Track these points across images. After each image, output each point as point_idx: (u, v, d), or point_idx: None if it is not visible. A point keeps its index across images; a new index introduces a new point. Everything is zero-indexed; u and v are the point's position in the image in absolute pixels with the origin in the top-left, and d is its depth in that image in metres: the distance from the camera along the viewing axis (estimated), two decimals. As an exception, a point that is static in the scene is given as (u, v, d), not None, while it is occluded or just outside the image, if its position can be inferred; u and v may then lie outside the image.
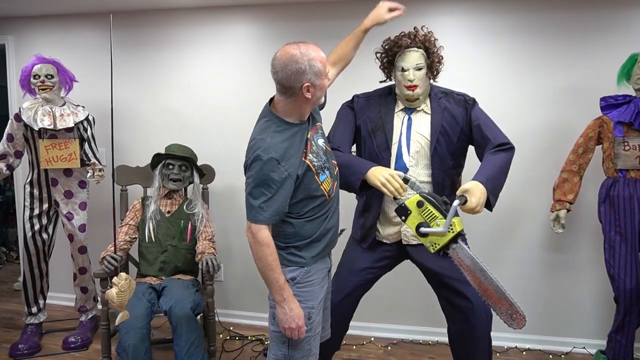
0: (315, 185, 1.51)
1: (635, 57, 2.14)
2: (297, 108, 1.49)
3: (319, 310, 1.59)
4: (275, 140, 1.44)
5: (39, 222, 2.60)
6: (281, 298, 1.46)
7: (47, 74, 2.49)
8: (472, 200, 1.54)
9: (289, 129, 1.48)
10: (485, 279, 1.48)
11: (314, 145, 1.54)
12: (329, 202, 1.57)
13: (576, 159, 2.27)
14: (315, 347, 1.60)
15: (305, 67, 1.41)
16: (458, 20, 2.57)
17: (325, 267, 1.65)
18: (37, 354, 2.52)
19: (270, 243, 1.46)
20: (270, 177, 1.41)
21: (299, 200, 1.50)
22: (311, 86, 1.44)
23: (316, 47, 1.48)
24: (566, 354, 2.54)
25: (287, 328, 1.48)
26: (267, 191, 1.43)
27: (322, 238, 1.57)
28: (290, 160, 1.44)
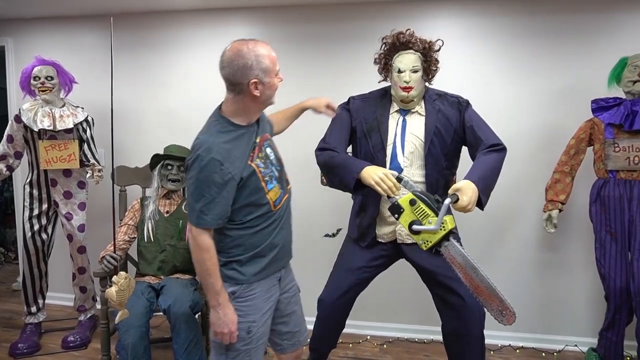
0: (261, 192, 1.47)
1: (625, 60, 2.19)
2: (245, 107, 1.45)
3: (263, 322, 1.55)
4: (218, 141, 1.40)
5: (39, 222, 2.63)
6: (216, 303, 1.44)
7: (47, 76, 2.52)
8: (463, 198, 1.57)
9: (235, 131, 1.45)
10: (477, 276, 1.51)
11: (262, 152, 1.51)
12: (275, 214, 1.52)
13: (568, 160, 2.32)
14: (257, 358, 1.57)
15: (252, 62, 1.39)
16: (452, 22, 2.61)
17: (275, 278, 1.59)
18: (37, 353, 2.54)
19: (210, 248, 1.42)
20: (212, 178, 1.37)
21: (241, 206, 1.46)
22: (259, 83, 1.41)
23: (266, 45, 1.45)
24: (559, 351, 2.58)
25: (219, 332, 1.46)
26: (208, 193, 1.38)
27: (267, 253, 1.52)
28: (235, 162, 1.40)
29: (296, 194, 2.79)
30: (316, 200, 2.80)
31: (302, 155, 2.69)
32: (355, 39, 2.67)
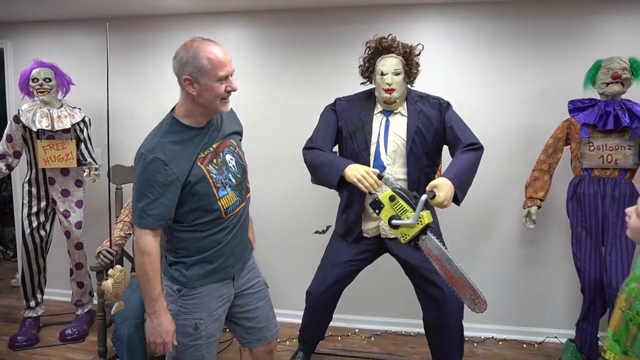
0: (212, 198, 1.43)
1: (600, 63, 2.28)
2: (191, 108, 1.41)
3: (213, 320, 1.52)
4: (164, 140, 1.36)
5: (37, 220, 2.71)
6: (152, 310, 1.40)
7: (45, 78, 2.60)
8: (440, 195, 1.67)
9: (184, 132, 1.41)
10: (451, 267, 1.61)
11: (219, 158, 1.47)
12: (226, 221, 1.48)
13: (546, 159, 2.41)
14: (209, 354, 1.56)
15: (189, 59, 1.34)
16: (434, 26, 2.70)
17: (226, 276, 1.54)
18: (35, 345, 2.62)
19: (151, 252, 1.37)
20: (154, 178, 1.33)
21: (190, 210, 1.42)
22: (194, 81, 1.35)
23: (217, 47, 1.38)
24: (539, 343, 2.68)
25: (153, 342, 1.42)
26: (150, 193, 1.34)
27: (214, 260, 1.48)
28: (181, 163, 1.36)
29: (287, 192, 2.91)
30: (306, 198, 2.89)
31: (291, 154, 2.78)
32: (341, 42, 2.76)
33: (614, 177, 2.24)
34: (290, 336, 2.71)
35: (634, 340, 1.17)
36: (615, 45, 2.43)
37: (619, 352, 1.21)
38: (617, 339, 1.22)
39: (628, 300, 1.20)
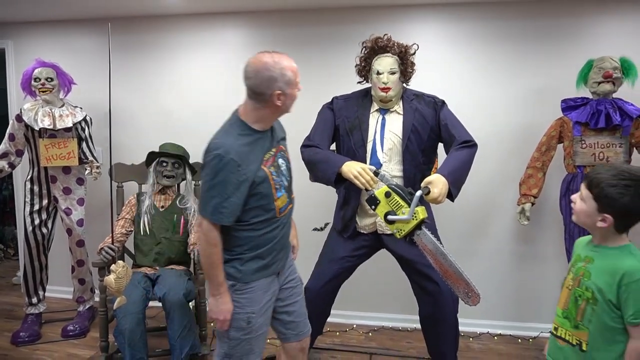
0: (270, 198, 1.54)
1: (591, 63, 2.34)
2: (265, 115, 1.52)
3: (262, 313, 1.61)
4: (238, 143, 1.46)
5: (39, 217, 2.74)
6: (217, 292, 1.52)
7: (47, 77, 2.64)
8: (434, 191, 1.71)
9: (252, 135, 1.51)
10: (446, 261, 1.65)
11: (276, 162, 1.59)
12: (278, 220, 1.60)
13: (540, 157, 2.46)
14: (258, 347, 1.64)
15: (277, 75, 1.46)
16: (430, 27, 2.75)
17: (274, 271, 1.64)
18: (38, 341, 2.66)
19: (218, 243, 1.49)
20: (228, 178, 1.43)
21: (251, 208, 1.52)
22: (282, 94, 1.48)
23: (288, 57, 1.52)
24: (534, 338, 2.72)
25: (215, 319, 1.54)
26: (224, 192, 1.43)
27: (266, 256, 1.59)
28: (250, 165, 1.47)
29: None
30: (304, 196, 2.92)
31: (291, 152, 2.83)
32: (338, 42, 2.81)
33: (605, 174, 2.28)
34: (289, 332, 2.75)
35: (583, 314, 1.31)
36: (607, 45, 2.48)
37: (570, 327, 1.33)
38: (566, 316, 1.36)
39: (576, 278, 1.34)
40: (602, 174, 1.30)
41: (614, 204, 1.26)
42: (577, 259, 1.40)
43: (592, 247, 1.36)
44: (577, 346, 1.32)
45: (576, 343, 1.33)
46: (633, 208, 1.26)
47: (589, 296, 1.30)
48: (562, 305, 1.39)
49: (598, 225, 1.30)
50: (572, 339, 1.34)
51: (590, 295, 1.29)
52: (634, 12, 2.54)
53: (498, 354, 2.58)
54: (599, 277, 1.30)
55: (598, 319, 1.28)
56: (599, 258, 1.33)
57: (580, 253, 1.40)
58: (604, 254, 1.32)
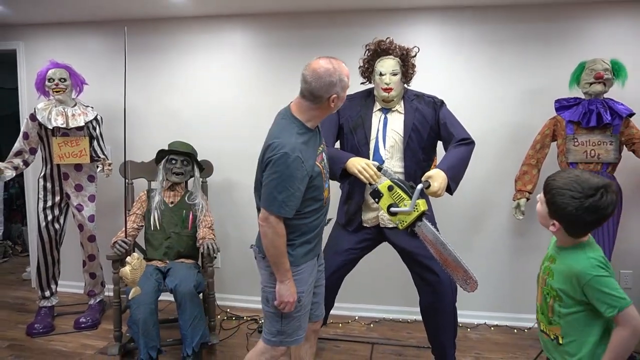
0: (321, 190, 1.69)
1: (583, 64, 2.44)
2: (317, 115, 1.65)
3: (308, 293, 1.77)
4: (299, 141, 1.58)
5: (52, 213, 2.84)
6: (285, 278, 1.65)
7: (60, 78, 2.74)
8: (434, 185, 1.82)
9: (307, 133, 1.64)
10: (445, 250, 1.76)
11: (324, 157, 1.75)
12: (324, 208, 1.76)
13: (534, 154, 2.57)
14: (305, 323, 1.80)
15: (337, 81, 1.59)
16: (432, 29, 2.86)
17: (317, 253, 1.82)
18: (52, 332, 2.76)
19: (284, 234, 1.62)
20: (295, 174, 1.55)
21: (305, 199, 1.64)
22: (337, 98, 1.62)
23: (343, 63, 1.64)
24: (529, 328, 2.84)
25: (285, 302, 1.66)
26: (291, 187, 1.55)
27: (313, 240, 1.74)
28: (309, 161, 1.60)
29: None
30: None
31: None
32: (342, 44, 2.91)
33: (597, 170, 2.39)
34: (293, 323, 2.85)
35: (552, 310, 1.36)
36: (598, 48, 2.59)
37: (546, 322, 1.39)
38: (542, 312, 1.42)
39: (543, 277, 1.40)
40: (556, 180, 1.31)
41: (559, 212, 1.29)
42: (545, 258, 1.45)
43: (555, 247, 1.41)
44: (554, 340, 1.38)
45: (553, 337, 1.38)
46: (576, 219, 1.27)
47: (554, 294, 1.35)
48: (539, 301, 1.44)
49: (550, 229, 1.34)
50: (550, 333, 1.39)
51: (555, 294, 1.34)
52: (624, 16, 2.66)
53: (495, 343, 2.69)
54: (559, 278, 1.34)
55: (566, 314, 1.33)
56: (559, 259, 1.37)
57: (548, 251, 1.44)
58: (563, 255, 1.36)
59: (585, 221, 1.27)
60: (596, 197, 1.24)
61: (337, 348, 2.63)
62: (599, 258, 1.29)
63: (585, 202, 1.24)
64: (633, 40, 2.64)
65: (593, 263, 1.27)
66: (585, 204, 1.24)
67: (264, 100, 3.04)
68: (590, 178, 1.28)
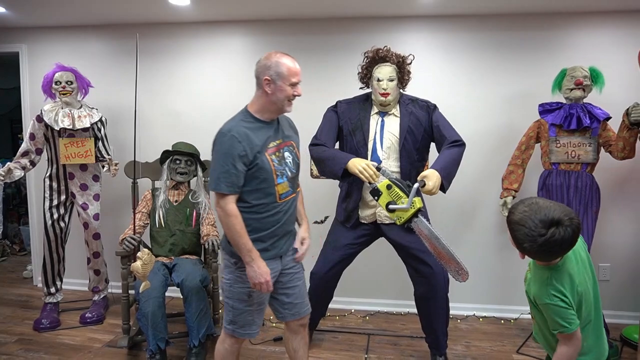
0: (271, 183, 1.71)
1: (565, 71, 2.61)
2: (264, 104, 1.72)
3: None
4: (240, 125, 1.67)
5: (57, 212, 2.92)
6: (250, 259, 1.67)
7: (67, 80, 2.82)
8: (429, 184, 1.96)
9: (255, 122, 1.71)
10: (439, 244, 1.91)
11: (280, 153, 1.76)
12: (279, 205, 1.75)
13: (520, 155, 2.74)
14: (259, 318, 1.84)
15: (272, 64, 1.67)
16: (426, 36, 3.01)
17: (275, 255, 1.79)
18: (58, 327, 2.84)
19: (237, 214, 1.65)
20: (228, 151, 1.62)
21: (252, 190, 1.69)
22: (271, 82, 1.67)
23: (293, 60, 1.72)
24: (515, 319, 3.01)
25: (257, 283, 1.68)
26: (225, 164, 1.62)
27: (267, 240, 1.74)
28: (250, 144, 1.64)
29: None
30: (306, 191, 3.15)
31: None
32: (340, 50, 3.05)
33: (577, 170, 2.57)
34: (293, 316, 2.98)
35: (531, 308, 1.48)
36: (579, 56, 2.78)
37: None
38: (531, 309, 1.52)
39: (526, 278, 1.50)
40: (514, 214, 1.31)
41: (519, 246, 1.31)
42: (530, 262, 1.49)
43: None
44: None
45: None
46: (535, 253, 1.29)
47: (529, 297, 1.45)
48: None
49: (519, 255, 1.37)
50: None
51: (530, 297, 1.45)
52: (603, 27, 2.85)
53: (483, 333, 2.85)
54: (530, 286, 1.43)
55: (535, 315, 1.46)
56: (532, 271, 1.43)
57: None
58: (534, 270, 1.41)
59: (543, 254, 1.29)
60: (547, 236, 1.23)
61: (335, 339, 2.76)
62: (558, 288, 1.31)
63: (539, 239, 1.24)
64: (610, 49, 2.83)
65: (549, 291, 1.32)
66: (539, 241, 1.24)
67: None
68: (546, 211, 1.25)
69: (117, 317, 2.77)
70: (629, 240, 2.89)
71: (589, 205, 2.53)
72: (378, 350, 2.62)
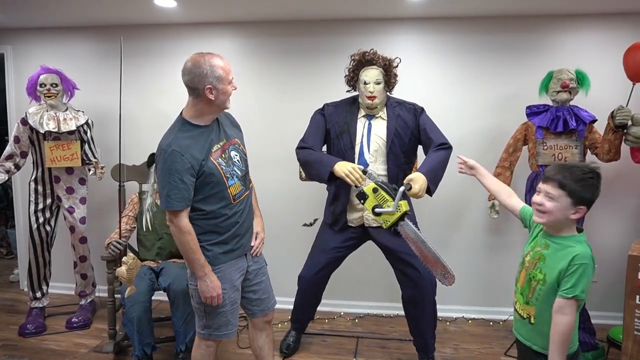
0: (223, 186, 1.70)
1: (551, 74, 2.62)
2: (202, 109, 1.69)
3: (235, 289, 1.81)
4: (178, 136, 1.64)
5: (43, 216, 2.88)
6: (203, 273, 1.69)
7: (52, 83, 2.79)
8: (415, 187, 1.96)
9: (193, 129, 1.68)
10: (425, 247, 1.91)
11: (226, 153, 1.75)
12: (235, 206, 1.76)
13: (507, 157, 2.74)
14: (234, 319, 1.85)
15: (207, 71, 1.63)
16: (413, 39, 3.01)
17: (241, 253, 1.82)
18: (44, 332, 2.81)
19: (190, 230, 1.66)
20: (173, 167, 1.59)
21: (206, 197, 1.68)
22: (213, 88, 1.65)
23: (221, 57, 1.70)
24: (503, 321, 3.02)
25: (209, 297, 1.71)
26: (172, 180, 1.60)
27: (230, 241, 1.76)
28: (193, 154, 1.63)
29: (278, 188, 3.17)
30: (295, 194, 3.16)
31: (282, 154, 3.05)
32: (328, 52, 3.04)
33: (564, 172, 2.58)
34: (282, 320, 2.97)
35: (533, 292, 1.52)
36: (565, 58, 2.79)
37: (522, 302, 1.56)
38: (522, 292, 1.57)
39: (532, 261, 1.54)
40: (572, 172, 1.44)
41: (588, 197, 1.43)
42: (533, 245, 1.58)
43: (547, 236, 1.54)
44: (527, 319, 1.53)
45: (526, 317, 1.53)
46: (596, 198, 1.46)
47: (541, 278, 1.49)
48: (520, 283, 1.59)
49: (571, 217, 1.44)
50: (523, 313, 1.54)
51: (542, 277, 1.48)
52: (588, 29, 2.87)
53: (472, 335, 2.86)
54: (552, 262, 1.46)
55: (543, 298, 1.47)
56: (554, 245, 1.49)
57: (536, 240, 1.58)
58: (559, 242, 1.48)
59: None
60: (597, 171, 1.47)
61: (324, 342, 2.76)
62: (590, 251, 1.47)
63: (598, 180, 1.45)
64: (597, 52, 2.85)
65: (589, 253, 1.44)
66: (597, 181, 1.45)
67: (253, 105, 3.14)
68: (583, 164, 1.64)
69: (104, 322, 2.74)
70: (616, 241, 2.91)
71: (576, 207, 2.54)
72: (367, 353, 2.61)
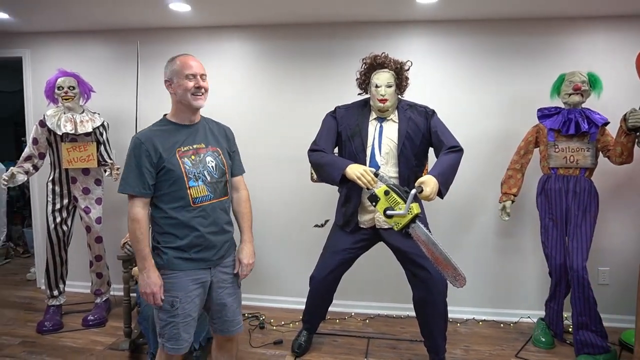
0: (182, 185, 1.66)
1: (563, 76, 2.62)
2: (177, 107, 1.74)
3: (190, 300, 1.69)
4: (151, 128, 1.71)
5: (60, 215, 2.95)
6: (143, 267, 1.63)
7: (69, 86, 2.85)
8: (426, 189, 1.98)
9: (168, 125, 1.73)
10: (436, 250, 1.92)
11: (198, 157, 1.71)
12: (194, 210, 1.67)
13: (519, 159, 2.75)
14: (186, 333, 1.70)
15: (167, 66, 1.72)
16: (424, 41, 3.03)
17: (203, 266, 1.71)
18: (61, 330, 2.87)
19: (140, 219, 1.63)
20: (133, 152, 1.64)
21: (164, 193, 1.67)
22: (170, 82, 1.70)
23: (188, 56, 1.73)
24: (515, 323, 3.02)
25: (144, 293, 1.63)
26: (129, 164, 1.64)
27: (188, 250, 1.67)
28: (155, 146, 1.64)
29: (288, 190, 3.20)
30: (305, 195, 3.19)
31: (292, 156, 3.09)
32: (339, 55, 3.07)
33: (575, 175, 2.57)
34: (292, 320, 3.00)
35: None
36: (577, 61, 2.79)
37: None
38: None
39: None
40: None
41: None
42: None
43: None
44: None
45: None
46: None
47: None
48: None
49: None
50: None
51: None
52: (601, 31, 2.86)
53: (482, 337, 2.86)
54: None
55: None
56: None
57: None
58: None
59: None
60: None
61: (335, 342, 2.78)
62: None
63: None
64: (609, 54, 2.84)
65: None
66: None
67: (262, 108, 3.18)
68: None
69: (120, 320, 2.80)
70: (628, 244, 2.90)
71: (588, 210, 2.54)
72: (377, 354, 2.63)
